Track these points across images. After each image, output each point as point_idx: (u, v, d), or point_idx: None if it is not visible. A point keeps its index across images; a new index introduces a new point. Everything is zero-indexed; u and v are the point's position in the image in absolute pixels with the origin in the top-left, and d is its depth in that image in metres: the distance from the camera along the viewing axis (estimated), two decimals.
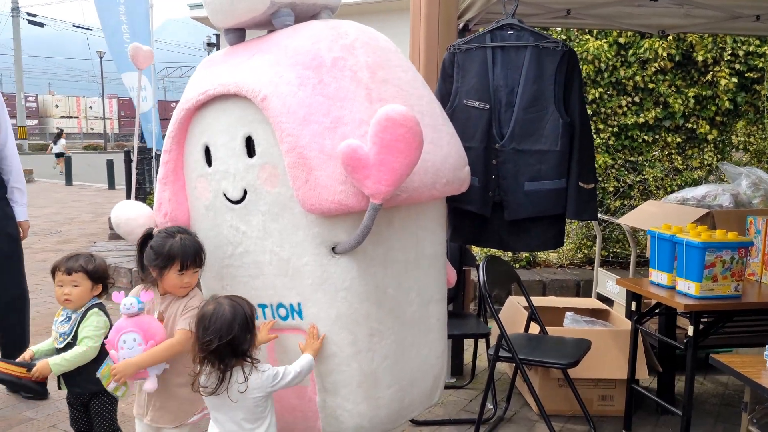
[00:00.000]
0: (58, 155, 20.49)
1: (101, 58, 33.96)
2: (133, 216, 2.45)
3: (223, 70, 2.36)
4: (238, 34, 2.53)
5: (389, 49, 2.43)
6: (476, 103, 3.08)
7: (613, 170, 6.00)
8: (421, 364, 2.49)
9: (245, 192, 2.26)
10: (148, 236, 2.32)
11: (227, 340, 1.96)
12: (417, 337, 2.46)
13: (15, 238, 3.63)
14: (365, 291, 2.23)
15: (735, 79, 5.77)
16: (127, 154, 9.89)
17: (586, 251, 6.22)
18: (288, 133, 2.08)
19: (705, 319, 2.99)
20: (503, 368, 4.09)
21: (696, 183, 5.65)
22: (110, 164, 15.72)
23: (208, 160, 2.35)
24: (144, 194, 9.32)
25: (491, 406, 3.54)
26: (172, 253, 2.22)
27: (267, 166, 2.20)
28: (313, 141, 2.08)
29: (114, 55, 8.28)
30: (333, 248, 2.18)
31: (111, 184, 15.60)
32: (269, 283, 2.28)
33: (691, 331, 2.88)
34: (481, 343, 4.02)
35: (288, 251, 2.22)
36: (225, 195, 2.31)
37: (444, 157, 2.41)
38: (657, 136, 5.98)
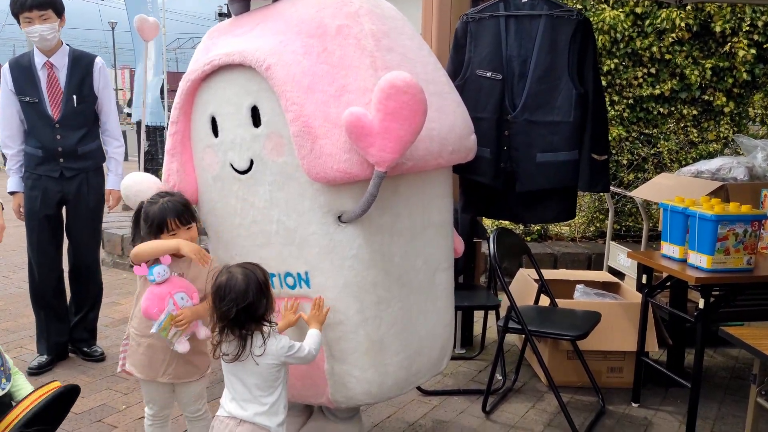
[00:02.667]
0: None
1: (113, 28, 33.83)
2: (142, 188, 2.46)
3: (228, 40, 2.34)
4: (242, 4, 2.50)
5: (394, 17, 2.40)
6: (489, 74, 3.05)
7: (627, 143, 5.93)
8: (428, 332, 2.50)
9: (252, 162, 2.26)
10: (141, 209, 2.37)
11: (244, 306, 1.99)
12: (424, 305, 2.47)
13: (98, 208, 3.78)
14: (372, 259, 2.24)
15: (753, 51, 5.65)
16: (139, 125, 9.94)
17: (598, 224, 6.18)
18: (293, 102, 2.07)
19: (716, 293, 2.97)
20: (513, 340, 4.11)
21: (711, 156, 5.57)
22: (123, 136, 15.76)
23: (215, 131, 2.35)
24: (156, 166, 9.36)
25: (500, 377, 3.57)
26: (156, 220, 2.28)
27: (273, 135, 2.19)
28: (317, 110, 2.06)
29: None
30: (339, 217, 2.19)
31: (124, 156, 15.67)
32: (276, 253, 2.29)
33: (702, 304, 2.87)
34: (491, 315, 4.03)
35: (295, 220, 2.22)
36: (232, 165, 2.31)
37: (450, 126, 2.39)
38: (672, 108, 5.89)
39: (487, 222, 5.37)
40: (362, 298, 2.25)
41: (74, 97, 3.55)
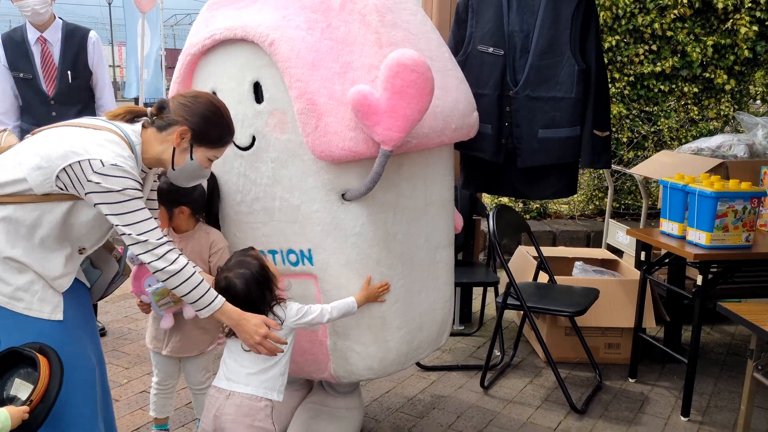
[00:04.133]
0: None
1: (110, 4, 33.46)
2: None
3: (228, 13, 2.31)
4: None
5: None
6: (490, 49, 3.03)
7: (628, 120, 5.92)
8: (429, 308, 2.52)
9: (254, 138, 2.25)
10: None
11: (250, 304, 2.03)
12: (425, 282, 2.48)
13: None
14: (375, 236, 2.24)
15: (755, 27, 5.60)
16: (136, 101, 9.89)
17: (597, 202, 6.19)
18: (297, 79, 2.05)
19: (714, 269, 2.99)
20: (511, 316, 4.14)
21: (712, 134, 5.56)
22: None
23: None
24: None
25: (498, 353, 3.60)
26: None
27: (276, 112, 2.18)
28: (322, 86, 2.05)
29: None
30: (343, 195, 2.19)
31: None
32: (279, 230, 2.29)
33: (700, 280, 2.89)
34: (490, 291, 4.07)
35: (298, 198, 2.22)
36: (233, 141, 2.30)
37: (453, 103, 2.39)
38: (673, 86, 5.86)
39: (486, 199, 5.38)
40: (365, 275, 2.26)
41: (69, 72, 3.51)
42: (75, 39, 3.55)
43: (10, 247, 1.76)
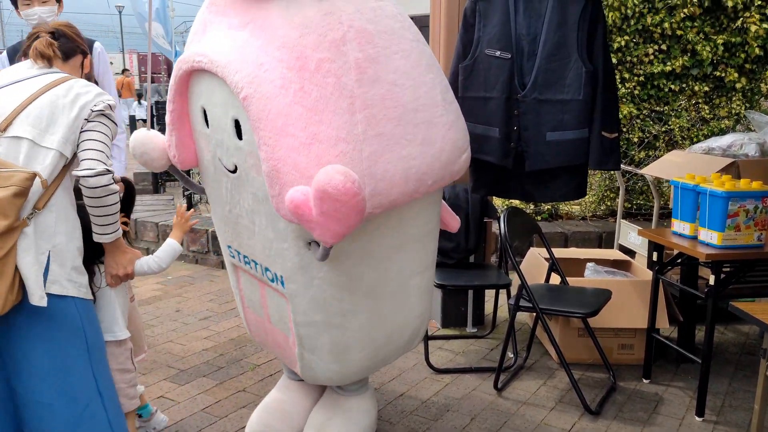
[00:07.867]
0: None
1: (120, 12, 33.77)
2: (147, 150, 2.47)
3: (219, 31, 2.19)
4: None
5: (391, 30, 2.19)
6: (498, 53, 3.05)
7: (638, 121, 5.90)
8: (397, 326, 2.52)
9: (236, 167, 2.23)
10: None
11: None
12: (394, 306, 2.47)
13: None
14: (339, 281, 2.25)
15: (765, 25, 5.57)
16: (139, 97, 9.92)
17: (609, 203, 6.18)
18: (265, 142, 1.98)
19: (727, 269, 2.98)
20: (524, 318, 4.14)
21: (723, 133, 5.54)
22: (132, 119, 15.82)
23: (207, 120, 2.27)
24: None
25: (512, 355, 3.60)
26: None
27: (254, 153, 2.11)
28: (287, 155, 1.98)
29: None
30: (309, 243, 2.16)
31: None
32: (260, 249, 2.31)
33: (712, 280, 2.89)
34: (502, 294, 4.06)
35: (272, 233, 2.22)
36: (220, 160, 2.28)
37: (435, 155, 2.26)
38: (684, 85, 5.84)
39: (497, 202, 5.39)
40: (328, 311, 2.28)
41: None
42: None
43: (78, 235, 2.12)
